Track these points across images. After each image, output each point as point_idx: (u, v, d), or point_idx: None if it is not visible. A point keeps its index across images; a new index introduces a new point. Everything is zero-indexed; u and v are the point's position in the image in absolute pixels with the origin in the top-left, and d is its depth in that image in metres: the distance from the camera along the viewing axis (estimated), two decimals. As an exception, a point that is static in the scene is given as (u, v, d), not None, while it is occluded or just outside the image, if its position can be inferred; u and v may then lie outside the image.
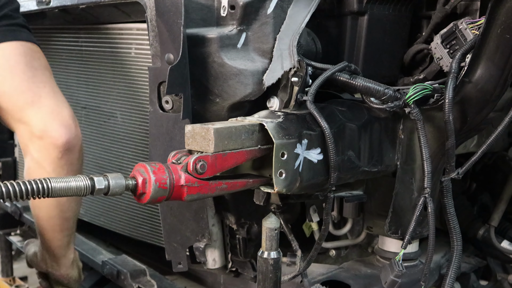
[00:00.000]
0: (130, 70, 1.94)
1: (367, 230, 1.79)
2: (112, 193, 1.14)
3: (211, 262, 1.78)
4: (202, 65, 1.45)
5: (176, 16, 1.39)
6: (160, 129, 1.54)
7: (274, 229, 1.25)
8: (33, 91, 1.61)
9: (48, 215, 1.76)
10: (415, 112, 1.40)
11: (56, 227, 1.78)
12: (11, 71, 1.60)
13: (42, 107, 1.60)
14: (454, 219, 1.44)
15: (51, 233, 1.80)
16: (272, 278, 1.26)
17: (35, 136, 1.60)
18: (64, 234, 1.81)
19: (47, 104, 1.61)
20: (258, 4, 1.45)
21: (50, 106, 1.62)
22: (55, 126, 1.60)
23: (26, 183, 1.08)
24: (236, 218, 1.71)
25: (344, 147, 1.41)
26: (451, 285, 1.45)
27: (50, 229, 1.79)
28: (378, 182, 1.64)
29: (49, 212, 1.75)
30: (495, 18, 1.31)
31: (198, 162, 1.18)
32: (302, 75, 1.38)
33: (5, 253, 2.85)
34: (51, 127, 1.59)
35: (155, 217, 2.00)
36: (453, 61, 1.41)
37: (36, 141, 1.61)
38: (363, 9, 1.59)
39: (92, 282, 2.24)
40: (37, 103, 1.60)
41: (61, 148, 1.61)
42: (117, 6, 1.76)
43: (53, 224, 1.77)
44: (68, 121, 1.63)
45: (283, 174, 1.26)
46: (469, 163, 1.44)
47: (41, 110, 1.60)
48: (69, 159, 1.65)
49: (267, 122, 1.27)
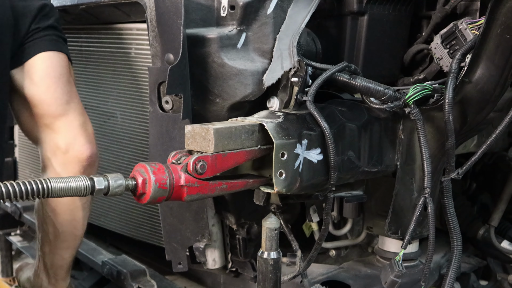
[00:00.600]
0: (130, 70, 1.94)
1: (367, 230, 1.79)
2: (112, 193, 1.14)
3: (211, 262, 1.78)
4: (202, 65, 1.45)
5: (176, 16, 1.39)
6: (160, 129, 1.54)
7: (274, 229, 1.25)
8: (68, 103, 1.68)
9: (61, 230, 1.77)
10: (415, 112, 1.40)
11: (64, 244, 1.80)
12: (56, 81, 1.67)
13: (72, 120, 1.68)
14: (454, 219, 1.44)
15: (59, 250, 1.81)
16: (272, 278, 1.26)
17: (60, 150, 1.67)
18: (69, 254, 1.83)
19: (77, 118, 1.69)
20: (258, 4, 1.45)
21: (79, 120, 1.69)
22: (82, 140, 1.67)
23: (26, 183, 1.08)
24: (236, 218, 1.71)
25: (344, 147, 1.41)
26: (451, 285, 1.45)
27: (59, 245, 1.80)
28: (378, 182, 1.64)
29: (62, 227, 1.77)
30: (495, 18, 1.31)
31: (198, 162, 1.18)
32: (302, 75, 1.38)
33: (5, 253, 2.85)
34: (77, 141, 1.66)
35: (155, 217, 2.00)
36: (453, 61, 1.41)
37: (60, 155, 1.67)
38: (363, 9, 1.59)
39: (92, 282, 2.24)
40: (69, 115, 1.68)
41: (84, 163, 1.68)
42: (117, 6, 1.76)
43: (63, 240, 1.79)
44: (92, 138, 1.71)
45: (283, 174, 1.26)
46: (469, 163, 1.44)
47: (71, 123, 1.68)
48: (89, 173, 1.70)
49: (267, 122, 1.27)
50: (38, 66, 1.66)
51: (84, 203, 1.76)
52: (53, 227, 1.78)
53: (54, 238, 1.79)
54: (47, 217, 1.78)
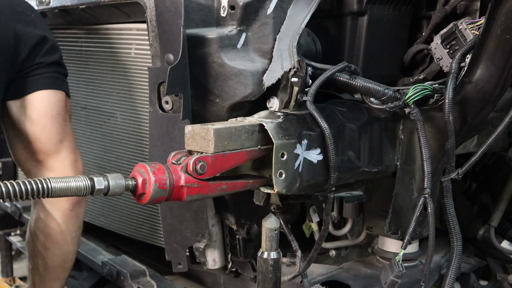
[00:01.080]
0: (130, 70, 1.94)
1: (367, 230, 1.79)
2: (112, 194, 1.14)
3: (211, 262, 1.78)
4: (202, 65, 1.45)
5: (176, 16, 1.39)
6: (160, 129, 1.54)
7: (274, 230, 1.25)
8: (62, 142, 1.74)
9: (50, 263, 1.82)
10: (415, 113, 1.40)
11: (54, 276, 1.85)
12: (52, 121, 1.72)
13: (64, 158, 1.74)
14: (454, 219, 1.44)
15: (48, 281, 1.85)
16: (272, 278, 1.26)
17: None
18: (59, 285, 1.87)
19: (69, 156, 1.75)
20: (258, 4, 1.45)
21: (71, 159, 1.75)
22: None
23: (26, 183, 1.08)
24: (236, 219, 1.71)
25: (344, 147, 1.41)
26: (451, 285, 1.45)
27: (48, 277, 1.85)
28: (378, 182, 1.64)
29: (52, 261, 1.81)
30: (495, 18, 1.31)
31: (198, 163, 1.18)
32: (302, 76, 1.38)
33: (5, 253, 2.86)
34: None
35: (155, 217, 1.99)
36: (453, 61, 1.41)
37: None
38: (363, 9, 1.59)
39: (92, 283, 2.24)
40: (61, 154, 1.73)
41: (73, 201, 1.73)
42: (117, 6, 1.76)
43: (53, 272, 1.84)
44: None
45: (283, 174, 1.26)
46: (469, 163, 1.44)
47: (63, 161, 1.74)
48: (78, 211, 1.77)
49: (267, 122, 1.27)
50: (37, 103, 1.69)
51: (73, 237, 1.81)
52: (42, 260, 1.83)
53: (44, 270, 1.84)
54: (37, 251, 1.84)
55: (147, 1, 1.49)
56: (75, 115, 2.23)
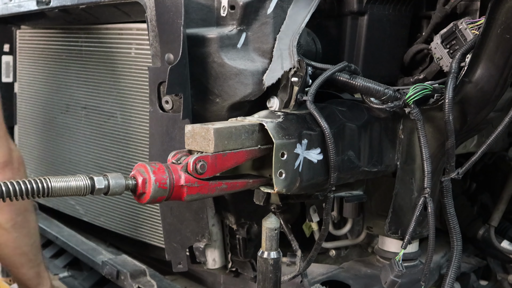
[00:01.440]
0: (130, 70, 1.94)
1: (367, 230, 1.79)
2: (112, 193, 1.14)
3: (211, 262, 1.78)
4: (202, 65, 1.45)
5: (176, 16, 1.39)
6: (160, 129, 1.54)
7: (274, 229, 1.25)
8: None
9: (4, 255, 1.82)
10: (415, 112, 1.40)
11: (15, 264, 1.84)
12: None
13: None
14: (454, 219, 1.44)
15: (14, 269, 1.86)
16: (272, 278, 1.26)
17: None
18: (28, 267, 1.86)
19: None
20: (258, 4, 1.45)
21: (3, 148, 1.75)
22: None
23: (26, 182, 1.08)
24: (236, 218, 1.71)
25: (344, 147, 1.41)
26: (451, 285, 1.45)
27: (12, 266, 1.86)
28: (378, 182, 1.64)
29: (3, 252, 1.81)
30: (495, 18, 1.31)
31: (198, 162, 1.18)
32: (302, 75, 1.38)
33: (5, 253, 2.85)
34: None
35: (155, 217, 1.99)
36: (453, 61, 1.41)
37: None
38: (363, 9, 1.59)
39: (92, 282, 2.24)
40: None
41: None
42: (117, 6, 1.76)
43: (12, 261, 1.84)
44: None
45: (283, 174, 1.26)
46: (469, 163, 1.44)
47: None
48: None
49: (267, 122, 1.27)
50: None
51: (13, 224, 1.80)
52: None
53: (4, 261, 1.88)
54: None
55: (147, 1, 1.49)
56: (75, 115, 2.24)
